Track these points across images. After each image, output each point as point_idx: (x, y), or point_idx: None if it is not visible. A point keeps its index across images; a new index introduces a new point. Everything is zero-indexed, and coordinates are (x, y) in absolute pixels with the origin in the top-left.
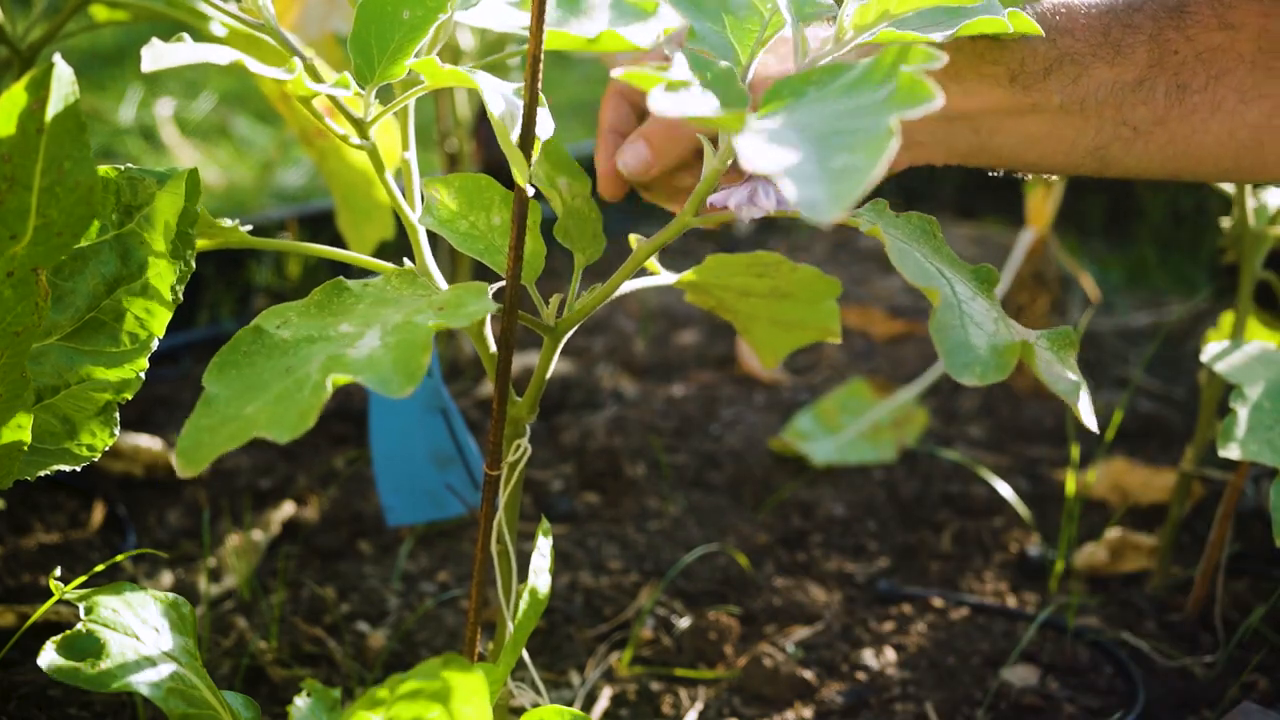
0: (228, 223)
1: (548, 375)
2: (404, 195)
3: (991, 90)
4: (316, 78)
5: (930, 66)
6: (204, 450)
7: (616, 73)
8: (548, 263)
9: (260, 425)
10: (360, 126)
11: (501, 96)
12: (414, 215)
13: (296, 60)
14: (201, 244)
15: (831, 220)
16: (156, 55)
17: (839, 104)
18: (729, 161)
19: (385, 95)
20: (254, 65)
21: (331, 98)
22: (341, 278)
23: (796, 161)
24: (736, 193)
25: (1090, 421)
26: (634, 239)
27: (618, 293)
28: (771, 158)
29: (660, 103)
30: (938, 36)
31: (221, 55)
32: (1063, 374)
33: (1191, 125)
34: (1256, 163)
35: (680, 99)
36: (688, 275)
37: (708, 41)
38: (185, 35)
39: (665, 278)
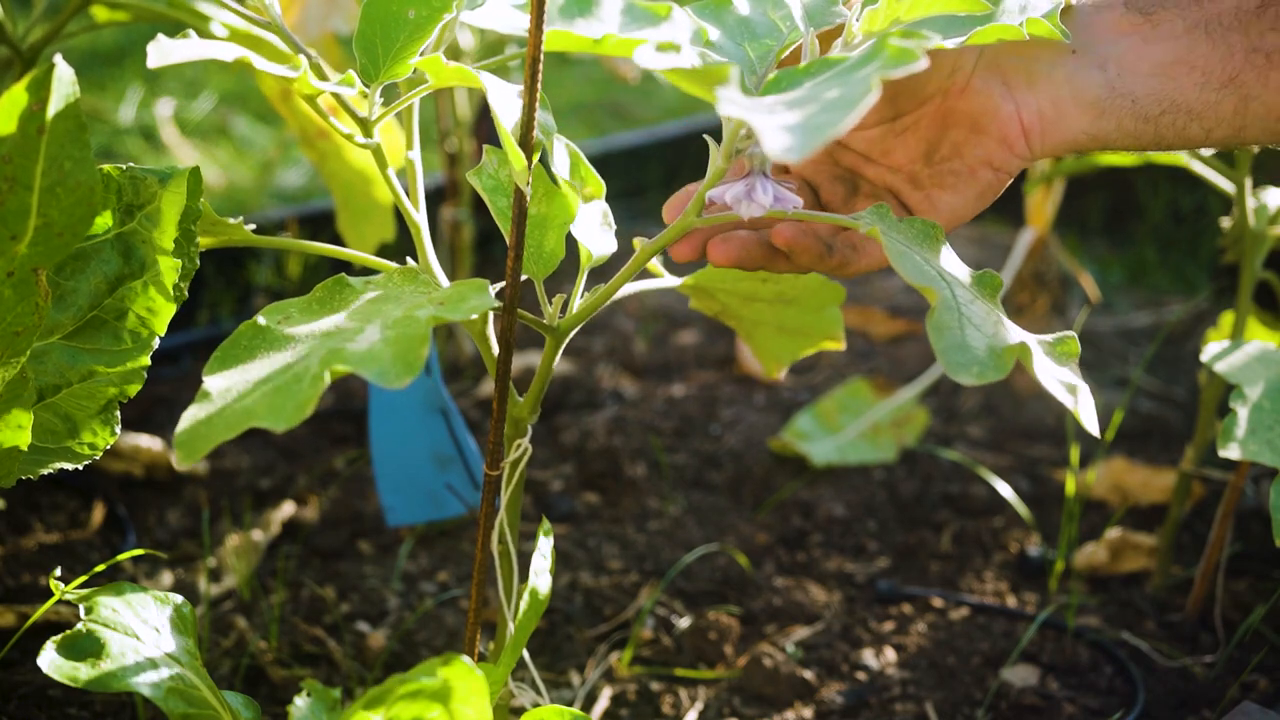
0: (232, 220)
1: (550, 375)
2: (408, 194)
3: (1108, 13)
4: (322, 76)
5: (916, 59)
6: (201, 441)
7: None
8: None
9: (258, 415)
10: (365, 125)
11: (511, 104)
12: (418, 214)
13: (302, 58)
14: (206, 241)
15: (799, 160)
16: (163, 51)
17: (833, 82)
18: (731, 159)
19: (389, 95)
20: (260, 63)
21: (336, 96)
22: (344, 274)
23: (771, 114)
24: (734, 188)
25: (1091, 424)
26: (637, 241)
27: (619, 294)
28: (748, 107)
29: (648, 59)
30: (950, 43)
31: (227, 51)
32: (1059, 377)
33: None
34: None
35: (668, 56)
36: (692, 278)
37: (724, 51)
38: (191, 32)
39: (669, 280)
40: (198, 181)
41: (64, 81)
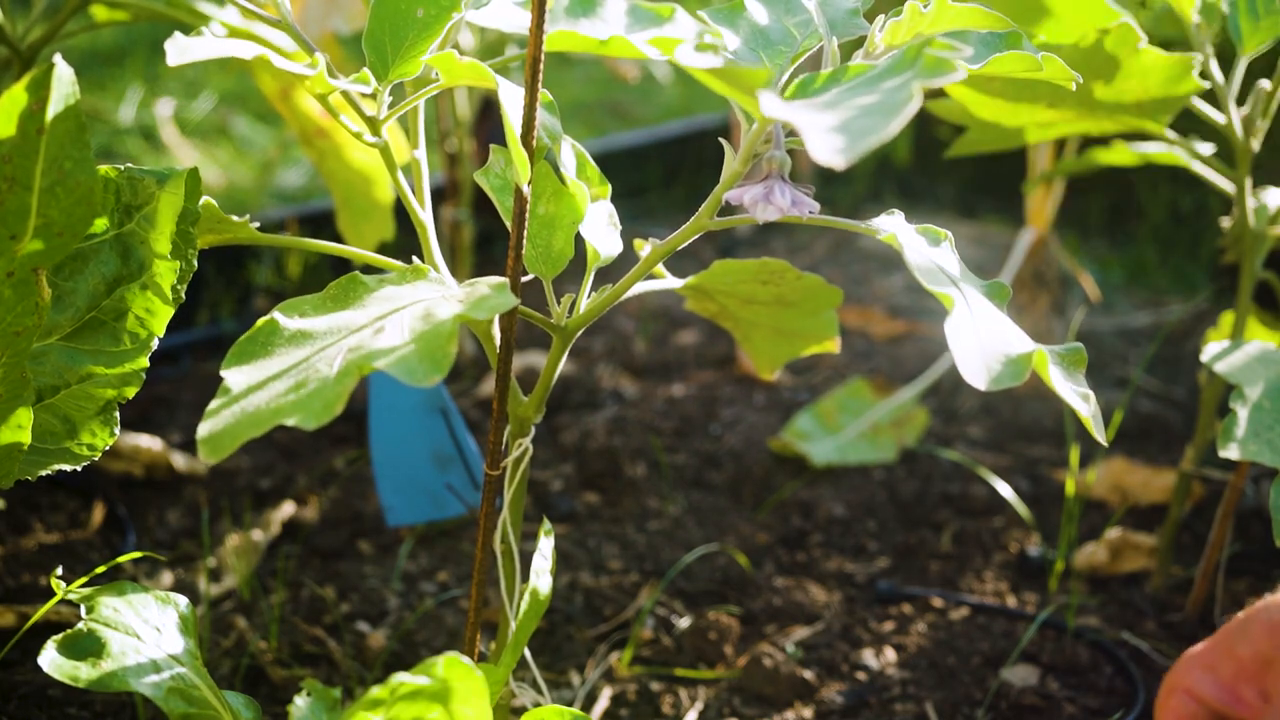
0: (236, 219)
1: (556, 375)
2: (413, 192)
3: None
4: (334, 74)
5: (953, 70)
6: (228, 438)
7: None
8: None
9: (286, 413)
10: (373, 124)
11: (520, 104)
12: (424, 214)
13: (320, 56)
14: (211, 239)
15: (846, 164)
16: (181, 49)
17: (861, 90)
18: (749, 163)
19: (395, 95)
20: (278, 60)
21: (346, 95)
22: (357, 273)
23: (819, 115)
24: (752, 190)
25: (1101, 434)
26: (639, 243)
27: (626, 295)
28: (794, 110)
29: (688, 58)
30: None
31: (246, 50)
32: (1074, 385)
33: None
34: None
35: (708, 56)
36: (694, 280)
37: (740, 57)
38: (206, 30)
39: (671, 281)
40: (196, 182)
41: (64, 81)
